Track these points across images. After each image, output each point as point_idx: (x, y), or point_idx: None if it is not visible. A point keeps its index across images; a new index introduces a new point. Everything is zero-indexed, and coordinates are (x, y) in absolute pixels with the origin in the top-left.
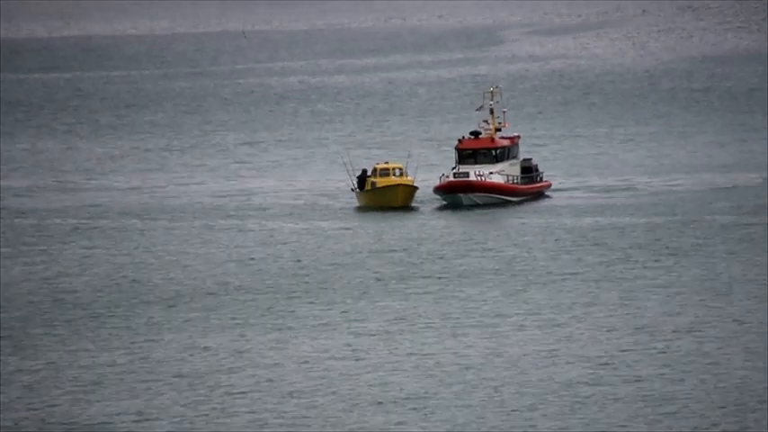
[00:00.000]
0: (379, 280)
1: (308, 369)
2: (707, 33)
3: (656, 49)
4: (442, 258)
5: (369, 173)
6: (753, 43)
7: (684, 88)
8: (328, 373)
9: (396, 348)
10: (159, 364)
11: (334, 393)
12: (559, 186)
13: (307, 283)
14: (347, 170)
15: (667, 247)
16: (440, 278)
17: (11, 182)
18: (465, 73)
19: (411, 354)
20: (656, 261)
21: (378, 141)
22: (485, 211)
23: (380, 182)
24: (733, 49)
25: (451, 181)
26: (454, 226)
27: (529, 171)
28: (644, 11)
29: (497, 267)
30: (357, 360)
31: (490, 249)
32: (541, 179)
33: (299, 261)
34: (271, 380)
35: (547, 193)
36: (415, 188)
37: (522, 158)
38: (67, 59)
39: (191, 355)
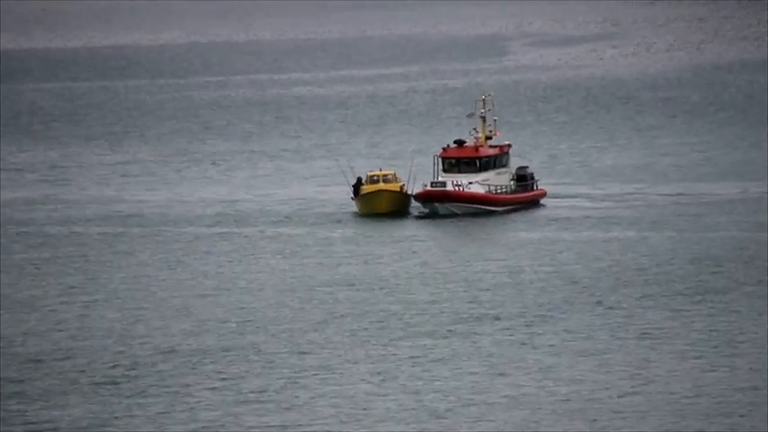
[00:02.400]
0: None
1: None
2: (708, 43)
3: (658, 59)
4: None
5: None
6: (755, 53)
7: (686, 98)
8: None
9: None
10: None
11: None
12: (555, 195)
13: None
14: (346, 178)
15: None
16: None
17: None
18: (470, 82)
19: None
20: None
21: (380, 150)
22: (460, 221)
23: (367, 189)
24: (735, 59)
25: (428, 190)
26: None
27: (524, 179)
28: (646, 20)
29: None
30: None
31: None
32: (535, 188)
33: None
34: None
35: (542, 202)
36: (403, 194)
37: (517, 167)
38: (71, 70)
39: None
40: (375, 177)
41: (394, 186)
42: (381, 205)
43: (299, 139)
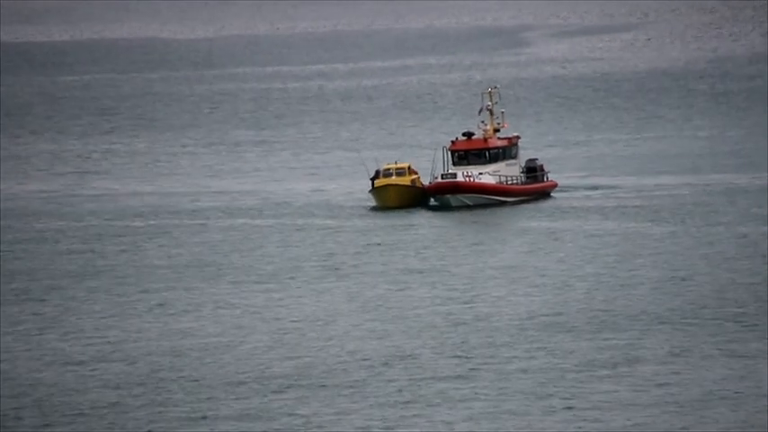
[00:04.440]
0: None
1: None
2: (722, 36)
3: (674, 51)
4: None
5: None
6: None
7: (701, 90)
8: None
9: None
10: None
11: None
12: (567, 187)
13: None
14: (367, 170)
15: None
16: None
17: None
18: (490, 74)
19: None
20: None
21: (404, 141)
22: (470, 211)
23: (377, 183)
24: (748, 52)
25: (439, 182)
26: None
27: (533, 171)
28: (662, 12)
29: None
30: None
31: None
32: (545, 179)
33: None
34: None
35: (552, 194)
36: (413, 188)
37: (527, 159)
38: (81, 62)
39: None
40: (389, 171)
41: (404, 180)
42: (389, 199)
43: (322, 130)
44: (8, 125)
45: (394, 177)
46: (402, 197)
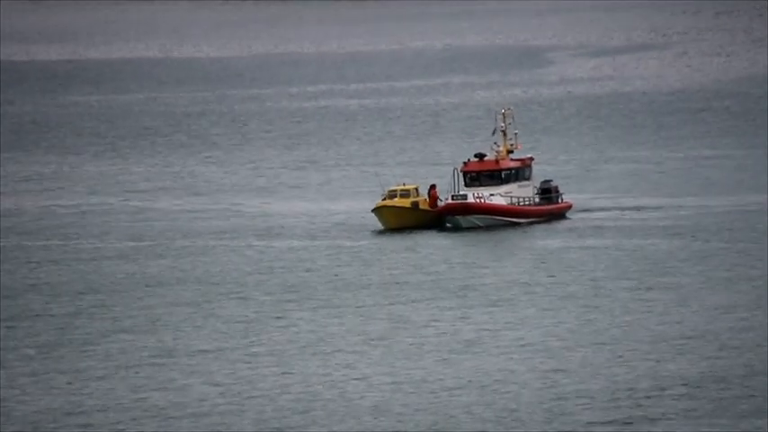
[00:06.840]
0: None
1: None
2: (742, 55)
3: (700, 71)
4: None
5: None
6: None
7: (724, 109)
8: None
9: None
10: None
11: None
12: (583, 208)
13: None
14: (383, 191)
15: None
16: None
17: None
18: (513, 94)
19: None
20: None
21: (424, 160)
22: (475, 233)
23: (377, 203)
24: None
25: (449, 203)
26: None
27: (548, 192)
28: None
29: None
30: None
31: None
32: (560, 201)
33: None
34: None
35: (568, 215)
36: (412, 210)
37: (541, 180)
38: (101, 81)
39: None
40: (394, 192)
41: (404, 202)
42: (386, 220)
43: (341, 149)
44: (20, 144)
45: (397, 199)
46: (399, 219)
